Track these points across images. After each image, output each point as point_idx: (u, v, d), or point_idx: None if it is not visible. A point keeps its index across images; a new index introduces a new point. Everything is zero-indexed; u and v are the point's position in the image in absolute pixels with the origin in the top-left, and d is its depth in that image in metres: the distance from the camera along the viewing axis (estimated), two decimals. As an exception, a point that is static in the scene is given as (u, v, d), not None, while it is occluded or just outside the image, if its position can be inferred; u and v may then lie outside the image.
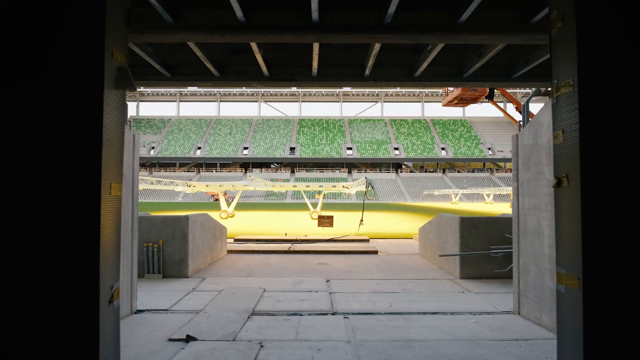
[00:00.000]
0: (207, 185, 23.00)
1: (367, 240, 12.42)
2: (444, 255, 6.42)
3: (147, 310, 5.13)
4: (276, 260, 9.10)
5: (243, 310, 5.08)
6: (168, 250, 7.08)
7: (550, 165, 4.26)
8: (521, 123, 10.13)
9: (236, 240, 12.30)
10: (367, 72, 2.72)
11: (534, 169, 4.59)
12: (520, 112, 11.40)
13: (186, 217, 7.11)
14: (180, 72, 2.92)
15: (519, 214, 4.97)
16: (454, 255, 6.70)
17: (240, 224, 19.37)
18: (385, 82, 2.89)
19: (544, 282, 4.37)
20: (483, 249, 6.99)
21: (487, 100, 11.53)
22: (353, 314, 4.99)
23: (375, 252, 10.04)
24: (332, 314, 4.99)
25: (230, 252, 10.07)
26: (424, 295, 5.91)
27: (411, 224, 19.16)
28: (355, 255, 9.71)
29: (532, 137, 4.67)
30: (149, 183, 19.83)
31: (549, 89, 4.80)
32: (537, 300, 4.52)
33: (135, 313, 5.01)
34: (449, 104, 12.00)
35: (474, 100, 11.45)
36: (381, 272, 7.65)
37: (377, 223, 19.56)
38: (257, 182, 21.62)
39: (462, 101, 11.48)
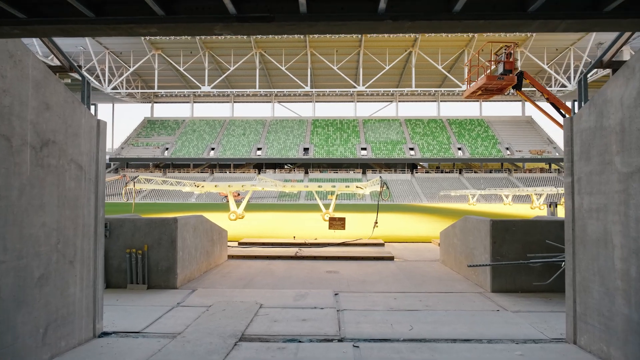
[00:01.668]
0: (215, 186, 22.21)
1: (382, 245, 11.42)
2: (474, 266, 5.43)
3: (115, 332, 4.24)
4: (280, 267, 8.18)
5: (230, 333, 4.15)
6: (154, 257, 6.20)
7: (623, 153, 3.24)
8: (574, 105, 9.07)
9: (240, 243, 11.41)
10: (382, 4, 1.76)
11: (598, 159, 3.57)
12: (551, 104, 10.26)
13: (174, 220, 6.22)
14: (110, 11, 2.05)
15: (574, 217, 3.95)
16: (487, 265, 5.68)
17: (249, 225, 18.52)
18: (409, 22, 1.94)
19: (615, 305, 3.34)
20: (518, 258, 5.96)
21: (514, 90, 10.34)
22: (365, 340, 4.03)
23: (391, 258, 9.04)
24: (338, 340, 4.03)
25: (231, 257, 9.19)
26: (452, 314, 4.90)
27: (429, 226, 18.07)
28: (368, 262, 8.73)
29: (594, 119, 3.65)
30: (154, 183, 19.12)
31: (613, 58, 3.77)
32: (603, 329, 3.50)
33: (100, 337, 4.12)
34: (471, 95, 10.82)
35: (501, 90, 10.24)
36: (398, 283, 6.66)
37: (393, 225, 18.51)
38: (266, 182, 20.73)
39: (486, 92, 10.29)
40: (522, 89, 11.14)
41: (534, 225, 6.05)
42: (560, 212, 25.08)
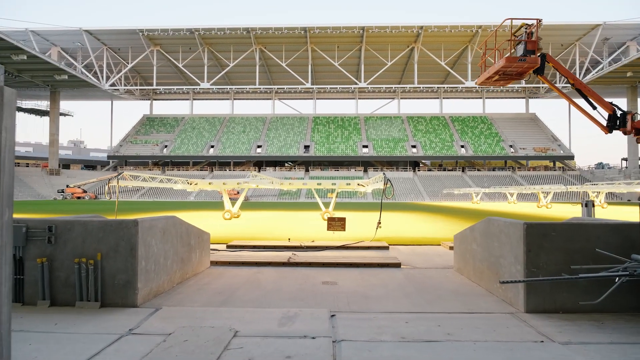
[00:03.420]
0: (209, 183, 21.08)
1: (386, 248, 10.27)
2: (508, 282, 4.28)
3: (26, 380, 3.10)
4: (270, 275, 7.03)
5: (183, 382, 3.00)
6: (109, 269, 5.05)
7: None
8: None
9: (229, 247, 10.28)
10: None
11: None
12: (577, 90, 9.08)
13: (134, 222, 5.07)
14: None
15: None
16: (526, 281, 4.52)
17: (244, 225, 17.38)
18: None
19: None
20: (558, 270, 4.80)
21: (536, 75, 9.18)
22: (370, 394, 2.88)
23: (398, 265, 7.88)
24: (333, 395, 2.88)
25: (214, 263, 8.04)
26: (482, 347, 3.74)
27: (435, 227, 16.90)
28: (372, 270, 7.58)
29: None
30: (141, 179, 17.93)
31: None
32: None
33: (1, 388, 2.97)
34: (487, 80, 9.59)
35: (520, 75, 9.04)
36: (408, 299, 5.49)
37: (396, 226, 17.35)
38: (262, 180, 19.55)
39: (504, 76, 9.07)
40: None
41: (578, 229, 4.89)
42: (599, 213, 23.77)
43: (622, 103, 71.36)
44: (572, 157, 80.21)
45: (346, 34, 70.01)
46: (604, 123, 9.37)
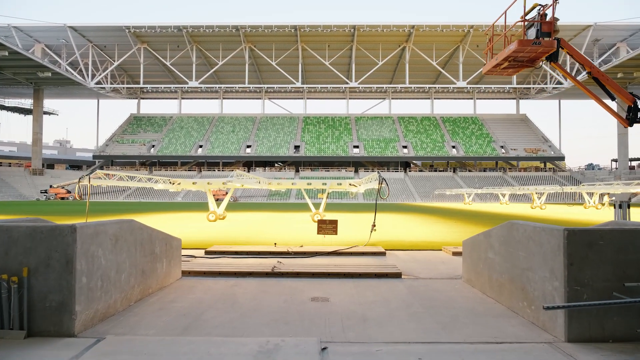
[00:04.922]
0: (193, 183, 19.95)
1: (382, 254, 9.26)
2: (553, 308, 3.29)
3: None
4: (250, 289, 5.97)
5: None
6: (38, 287, 3.96)
7: None
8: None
9: (207, 252, 9.19)
10: None
11: None
12: (594, 79, 8.18)
13: (71, 228, 3.98)
14: None
15: None
16: (580, 306, 3.52)
17: (229, 227, 16.26)
18: None
19: None
20: (608, 288, 3.83)
21: (549, 62, 8.30)
22: None
23: (398, 275, 6.87)
24: None
25: (187, 273, 6.95)
26: (530, 403, 2.73)
27: (432, 229, 15.95)
28: (368, 281, 6.55)
29: None
30: (117, 179, 16.69)
31: None
32: None
33: None
34: (494, 68, 8.64)
35: (532, 61, 8.15)
36: (418, 323, 4.47)
37: (391, 228, 16.36)
38: (248, 180, 18.45)
39: (514, 63, 8.14)
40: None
41: (632, 237, 3.90)
42: (596, 215, 22.84)
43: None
44: (562, 158, 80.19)
45: (337, 33, 69.09)
46: (624, 116, 8.50)
